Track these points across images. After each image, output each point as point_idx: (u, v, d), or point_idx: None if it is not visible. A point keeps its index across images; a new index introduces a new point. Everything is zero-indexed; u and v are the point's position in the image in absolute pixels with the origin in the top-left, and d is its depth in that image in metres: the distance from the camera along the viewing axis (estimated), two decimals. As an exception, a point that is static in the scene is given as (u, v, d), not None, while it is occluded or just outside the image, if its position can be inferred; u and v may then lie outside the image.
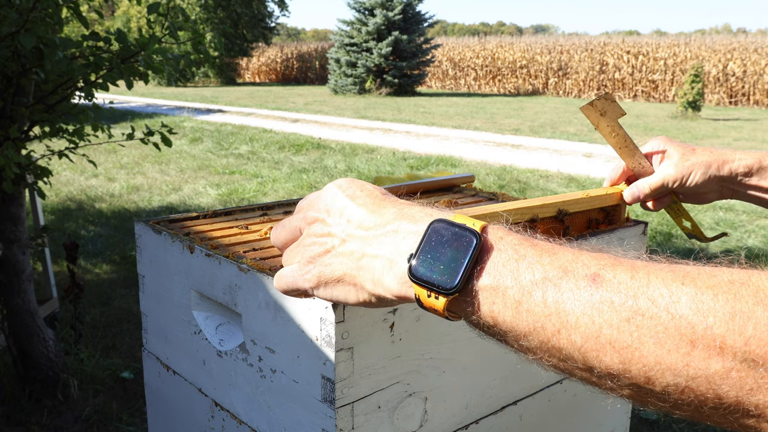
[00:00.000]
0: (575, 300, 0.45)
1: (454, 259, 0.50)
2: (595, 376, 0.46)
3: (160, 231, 1.03)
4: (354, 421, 0.77)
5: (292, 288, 0.63)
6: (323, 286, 0.60)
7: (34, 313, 2.44)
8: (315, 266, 0.59)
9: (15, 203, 2.36)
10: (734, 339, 0.40)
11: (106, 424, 2.37)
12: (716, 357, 0.40)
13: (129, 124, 5.15)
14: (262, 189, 6.33)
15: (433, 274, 0.50)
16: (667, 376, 0.42)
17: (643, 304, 0.43)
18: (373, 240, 0.56)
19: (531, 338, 0.48)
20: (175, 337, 1.05)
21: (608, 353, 0.44)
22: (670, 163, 1.02)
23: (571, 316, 0.45)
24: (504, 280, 0.48)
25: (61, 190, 6.24)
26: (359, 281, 0.57)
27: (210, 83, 27.29)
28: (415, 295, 0.53)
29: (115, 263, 4.15)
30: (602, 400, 1.14)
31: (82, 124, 2.43)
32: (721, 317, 0.40)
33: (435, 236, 0.52)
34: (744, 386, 0.40)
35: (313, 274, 0.60)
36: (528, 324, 0.47)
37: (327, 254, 0.59)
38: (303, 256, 0.61)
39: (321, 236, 0.60)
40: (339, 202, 0.60)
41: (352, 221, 0.58)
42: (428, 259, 0.51)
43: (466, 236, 0.51)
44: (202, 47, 2.39)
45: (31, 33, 1.92)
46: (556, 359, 0.48)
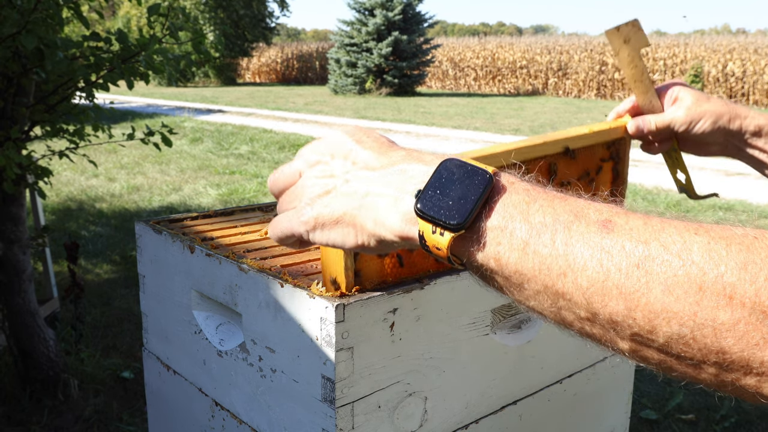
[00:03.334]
0: (585, 243, 0.44)
1: (463, 196, 0.49)
2: (597, 326, 0.45)
3: (161, 231, 1.03)
4: (354, 420, 0.77)
5: (287, 234, 0.61)
6: (320, 229, 0.57)
7: (34, 313, 2.45)
8: (313, 207, 0.57)
9: (15, 203, 2.36)
10: (745, 289, 0.39)
11: (107, 423, 2.37)
12: (725, 307, 0.39)
13: (129, 124, 5.15)
14: (263, 189, 6.33)
15: (441, 208, 0.49)
16: (672, 324, 0.41)
17: (654, 249, 0.42)
18: (379, 179, 0.54)
19: (534, 282, 0.46)
20: (176, 337, 1.05)
21: (614, 298, 0.43)
22: (681, 105, 0.99)
23: (579, 259, 0.44)
24: (513, 221, 0.47)
25: (62, 190, 6.24)
26: (360, 221, 0.54)
27: (210, 83, 27.29)
28: (419, 232, 0.50)
29: (116, 263, 4.15)
30: (602, 399, 1.15)
31: (82, 125, 2.43)
32: (733, 266, 0.39)
33: (446, 173, 0.50)
34: (751, 340, 0.38)
35: (310, 216, 0.57)
36: (533, 266, 0.46)
37: (327, 195, 0.56)
38: (301, 198, 0.59)
39: (322, 177, 0.58)
40: (345, 146, 0.58)
41: (358, 163, 0.56)
42: (437, 195, 0.49)
43: (478, 175, 0.49)
44: (202, 47, 2.39)
45: (32, 33, 1.92)
46: (557, 306, 0.46)
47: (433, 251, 0.51)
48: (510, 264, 0.47)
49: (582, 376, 1.09)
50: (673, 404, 2.55)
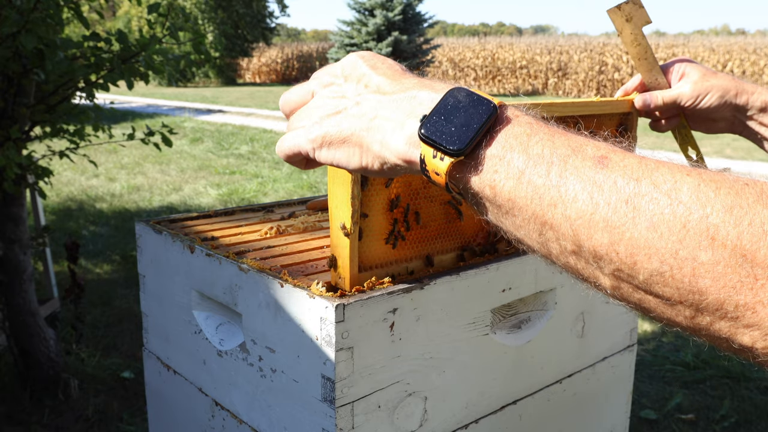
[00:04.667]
0: (578, 177, 0.45)
1: (466, 123, 0.50)
2: (582, 259, 0.46)
3: (161, 231, 1.04)
4: (354, 420, 0.78)
5: (294, 151, 0.62)
6: (326, 147, 0.58)
7: (35, 313, 2.45)
8: (322, 126, 0.58)
9: (16, 203, 2.36)
10: (728, 230, 0.39)
11: (107, 423, 2.37)
12: (707, 247, 0.40)
13: (130, 125, 5.15)
14: (263, 189, 6.33)
15: (443, 134, 0.50)
16: (653, 260, 0.41)
17: (644, 187, 0.43)
18: (389, 103, 0.55)
19: (525, 211, 0.47)
20: (176, 337, 1.05)
21: (600, 231, 0.43)
22: (688, 80, 0.99)
23: (571, 191, 0.45)
24: (512, 151, 0.48)
25: (62, 190, 6.25)
26: (366, 142, 0.56)
27: (210, 83, 27.29)
28: (420, 156, 0.52)
29: (116, 263, 4.16)
30: (602, 399, 1.15)
31: (82, 125, 2.43)
32: (719, 209, 0.40)
33: (452, 101, 0.51)
34: (728, 282, 0.39)
35: (317, 134, 0.58)
36: (526, 195, 0.47)
37: (337, 115, 0.58)
38: (311, 117, 0.60)
39: (334, 98, 0.59)
40: (359, 69, 0.59)
41: (370, 86, 0.57)
42: (441, 120, 0.51)
43: (483, 105, 0.50)
44: (202, 47, 2.39)
45: (32, 33, 1.92)
46: (544, 237, 0.47)
47: (432, 176, 0.52)
48: (504, 192, 0.48)
49: (582, 376, 1.09)
50: (673, 404, 2.55)
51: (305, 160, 0.63)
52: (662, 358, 2.91)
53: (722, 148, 9.32)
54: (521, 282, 0.95)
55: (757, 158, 8.31)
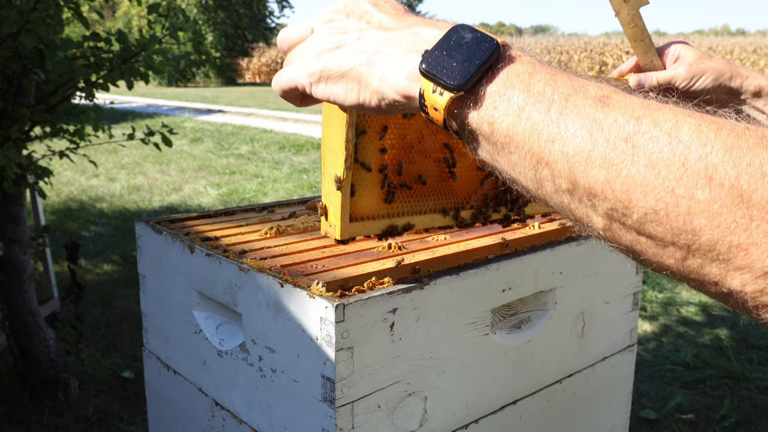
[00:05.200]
0: (578, 114, 0.45)
1: (468, 59, 0.49)
2: (576, 198, 0.46)
3: (161, 231, 1.04)
4: (354, 420, 0.78)
5: (290, 85, 0.61)
6: (324, 82, 0.58)
7: (35, 313, 2.45)
8: (321, 60, 0.57)
9: (16, 203, 2.36)
10: (726, 170, 0.39)
11: (107, 423, 2.37)
12: (704, 186, 0.39)
13: (129, 125, 5.16)
14: (263, 189, 6.33)
15: (444, 69, 0.49)
16: (649, 198, 0.41)
17: (645, 125, 0.42)
18: (391, 39, 0.55)
19: (522, 148, 0.47)
20: (176, 337, 1.05)
21: (597, 167, 0.43)
22: (683, 62, 1.00)
23: (570, 127, 0.45)
24: (513, 88, 0.48)
25: (62, 190, 6.25)
26: (365, 77, 0.55)
27: (210, 83, 27.29)
28: (419, 90, 0.51)
29: (116, 263, 4.16)
30: (602, 399, 1.15)
31: (82, 125, 2.43)
32: (719, 149, 0.39)
33: (455, 37, 0.51)
34: (723, 222, 0.39)
35: (315, 68, 0.58)
36: (524, 131, 0.47)
37: (337, 50, 0.57)
38: (310, 52, 0.59)
39: (335, 34, 0.58)
40: (361, 6, 0.59)
41: (372, 23, 0.57)
42: (443, 56, 0.50)
43: (486, 42, 0.50)
44: (202, 47, 2.39)
45: (32, 33, 1.92)
46: (539, 176, 0.47)
47: (430, 112, 0.51)
48: (502, 128, 0.48)
49: (582, 376, 1.09)
50: (673, 404, 2.55)
51: (301, 96, 0.62)
52: (662, 358, 2.91)
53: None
54: (521, 282, 0.95)
55: (757, 158, 8.30)
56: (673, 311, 3.45)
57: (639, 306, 1.19)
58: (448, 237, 1.02)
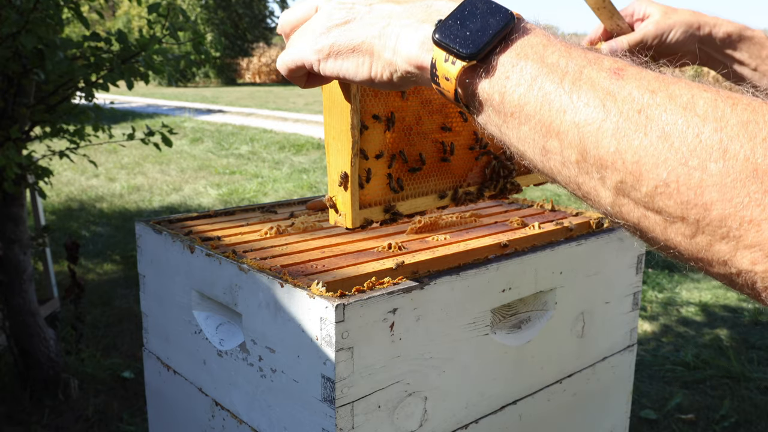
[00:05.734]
0: (592, 86, 0.44)
1: (482, 29, 0.49)
2: (584, 171, 0.45)
3: (161, 231, 1.04)
4: (354, 420, 0.78)
5: (297, 63, 0.60)
6: (333, 57, 0.57)
7: (35, 313, 2.45)
8: (330, 35, 0.57)
9: (16, 203, 2.36)
10: (741, 143, 0.38)
11: (107, 423, 2.37)
12: (718, 159, 0.38)
13: (129, 125, 5.16)
14: (263, 189, 6.33)
15: (457, 38, 0.49)
16: (660, 170, 0.40)
17: (660, 98, 0.42)
18: (403, 11, 0.54)
19: (532, 119, 0.46)
20: (176, 337, 1.05)
21: (608, 138, 0.43)
22: (650, 21, 1.00)
23: (583, 98, 0.44)
24: (526, 59, 0.47)
25: (62, 190, 6.25)
26: (378, 49, 0.55)
27: (210, 83, 27.29)
28: (432, 60, 0.51)
29: (116, 263, 4.16)
30: (602, 399, 1.15)
31: (82, 125, 2.43)
32: (734, 123, 0.39)
33: (469, 7, 0.51)
34: (736, 196, 0.38)
35: (324, 44, 0.57)
36: (535, 102, 0.46)
37: (347, 23, 0.56)
38: (317, 29, 0.58)
39: (342, 8, 0.57)
40: None
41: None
42: (456, 25, 0.50)
43: (501, 13, 0.50)
44: (202, 47, 2.39)
45: (31, 34, 1.92)
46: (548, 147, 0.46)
47: (442, 82, 0.51)
48: (514, 98, 0.47)
49: (582, 376, 1.09)
50: (673, 404, 2.55)
51: (306, 75, 0.61)
52: (662, 358, 2.91)
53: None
54: (521, 282, 0.95)
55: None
56: (673, 311, 3.45)
57: (639, 306, 1.19)
58: (448, 237, 1.02)
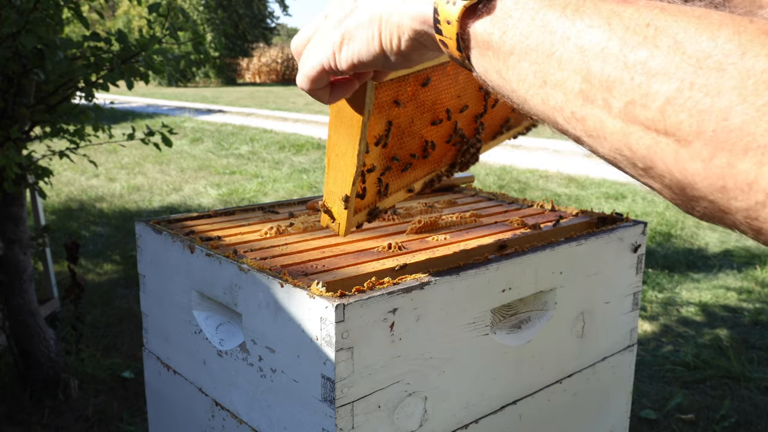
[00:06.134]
0: (596, 9, 0.42)
1: None
2: (588, 102, 0.42)
3: (161, 231, 1.04)
4: (354, 420, 0.78)
5: (317, 68, 0.62)
6: (347, 44, 0.59)
7: (35, 313, 2.45)
8: (341, 25, 0.59)
9: (16, 203, 2.36)
10: (763, 44, 0.35)
11: (107, 423, 2.37)
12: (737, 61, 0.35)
13: (129, 125, 5.16)
14: (263, 189, 6.33)
15: None
16: (672, 80, 0.37)
17: (671, 11, 0.40)
18: None
19: (533, 54, 0.45)
20: (176, 337, 1.05)
21: (614, 56, 0.40)
22: None
23: (587, 20, 0.42)
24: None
25: (62, 190, 6.25)
26: (385, 16, 0.56)
27: (210, 83, 27.29)
28: (434, 6, 0.51)
29: (116, 263, 4.16)
30: (602, 399, 1.15)
31: (82, 125, 2.43)
32: (753, 29, 0.36)
33: None
34: (758, 99, 0.34)
35: (337, 34, 0.59)
36: (537, 34, 0.45)
37: (354, 10, 0.59)
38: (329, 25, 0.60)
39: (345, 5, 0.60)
40: None
41: None
42: None
43: None
44: (202, 47, 2.39)
45: (31, 33, 1.92)
46: (550, 82, 0.44)
47: (444, 28, 0.51)
48: (515, 35, 0.46)
49: (582, 376, 1.09)
50: (673, 404, 2.55)
51: (330, 85, 0.63)
52: (662, 358, 2.91)
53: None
54: (521, 282, 0.95)
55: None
56: (673, 311, 3.45)
57: (639, 306, 1.19)
58: (448, 237, 1.02)
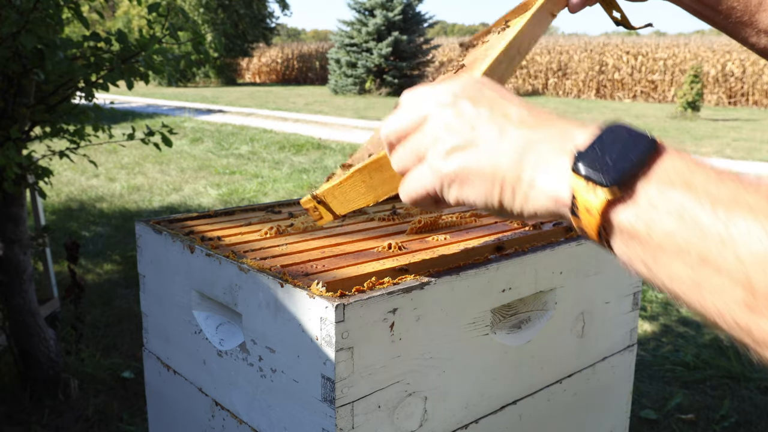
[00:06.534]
0: (751, 211, 0.40)
1: (623, 155, 0.46)
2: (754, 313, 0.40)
3: (161, 231, 1.04)
4: (354, 420, 0.78)
5: (421, 194, 0.57)
6: (458, 184, 0.54)
7: (35, 313, 2.45)
8: (453, 160, 0.53)
9: (16, 203, 2.36)
10: None
11: (107, 423, 2.37)
12: None
13: (129, 125, 5.16)
14: (263, 189, 6.33)
15: (598, 165, 0.47)
16: None
17: None
18: (537, 138, 0.51)
19: (684, 255, 0.42)
20: (176, 337, 1.05)
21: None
22: None
23: (743, 226, 0.40)
24: (672, 186, 0.44)
25: (62, 190, 6.25)
26: (511, 181, 0.52)
27: (210, 83, 27.30)
28: (571, 191, 0.48)
29: (116, 263, 4.16)
30: (602, 399, 1.15)
31: (82, 125, 2.43)
32: None
33: (607, 134, 0.48)
34: None
35: (449, 169, 0.54)
36: (687, 234, 0.42)
37: (474, 147, 0.53)
38: (436, 148, 0.55)
39: (463, 125, 0.54)
40: (486, 93, 0.55)
41: (510, 117, 0.53)
42: (596, 153, 0.47)
43: (641, 138, 0.47)
44: (202, 48, 2.39)
45: (31, 33, 1.92)
46: (706, 285, 0.42)
47: (582, 215, 0.48)
48: (662, 230, 0.44)
49: (582, 376, 1.09)
50: (673, 404, 2.55)
51: (434, 200, 0.58)
52: (662, 358, 2.91)
53: (722, 148, 9.32)
54: (521, 282, 0.95)
55: (757, 158, 8.31)
56: (673, 311, 3.45)
57: (639, 306, 1.19)
58: (448, 237, 1.02)
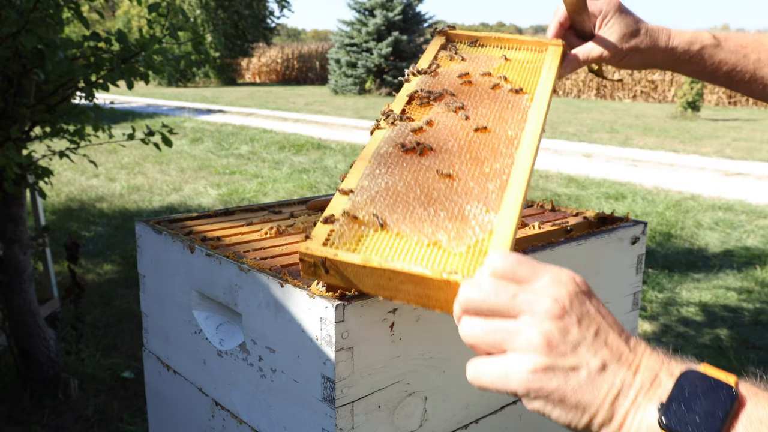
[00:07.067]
0: None
1: (710, 412, 0.48)
2: None
3: (161, 231, 1.04)
4: (354, 420, 0.78)
5: (496, 387, 0.55)
6: (544, 400, 0.53)
7: (35, 313, 2.45)
8: (550, 379, 0.52)
9: (16, 203, 2.36)
10: None
11: (107, 423, 2.37)
12: None
13: (129, 125, 5.16)
14: (263, 189, 6.33)
15: (687, 424, 0.48)
16: None
17: None
18: (630, 380, 0.52)
19: None
20: (176, 337, 1.05)
21: None
22: (611, 32, 0.99)
23: None
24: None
25: (62, 190, 6.25)
26: (601, 419, 0.52)
27: (210, 83, 27.29)
28: None
29: (116, 263, 4.16)
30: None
31: (82, 125, 2.43)
32: None
33: (688, 386, 0.50)
34: None
35: (542, 387, 0.52)
36: None
37: (573, 373, 0.52)
38: (531, 355, 0.53)
39: (567, 346, 0.53)
40: (591, 313, 0.54)
41: (612, 347, 0.53)
42: (681, 409, 0.49)
43: (723, 389, 0.49)
44: (202, 48, 2.39)
45: (31, 33, 1.92)
46: None
47: None
48: None
49: (582, 376, 1.09)
50: (673, 404, 2.55)
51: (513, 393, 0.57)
52: (662, 358, 2.91)
53: (722, 148, 9.32)
54: (521, 282, 0.95)
55: (757, 158, 8.31)
56: (673, 311, 3.45)
57: (639, 306, 1.19)
58: (448, 237, 1.02)
